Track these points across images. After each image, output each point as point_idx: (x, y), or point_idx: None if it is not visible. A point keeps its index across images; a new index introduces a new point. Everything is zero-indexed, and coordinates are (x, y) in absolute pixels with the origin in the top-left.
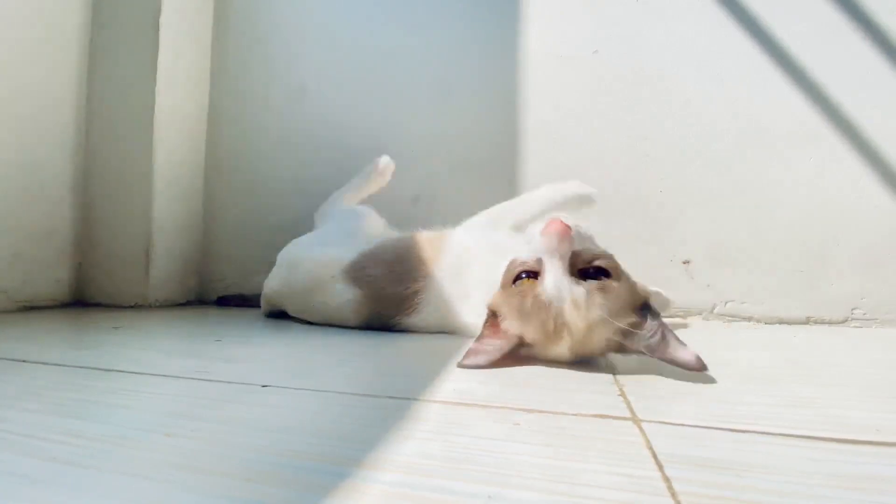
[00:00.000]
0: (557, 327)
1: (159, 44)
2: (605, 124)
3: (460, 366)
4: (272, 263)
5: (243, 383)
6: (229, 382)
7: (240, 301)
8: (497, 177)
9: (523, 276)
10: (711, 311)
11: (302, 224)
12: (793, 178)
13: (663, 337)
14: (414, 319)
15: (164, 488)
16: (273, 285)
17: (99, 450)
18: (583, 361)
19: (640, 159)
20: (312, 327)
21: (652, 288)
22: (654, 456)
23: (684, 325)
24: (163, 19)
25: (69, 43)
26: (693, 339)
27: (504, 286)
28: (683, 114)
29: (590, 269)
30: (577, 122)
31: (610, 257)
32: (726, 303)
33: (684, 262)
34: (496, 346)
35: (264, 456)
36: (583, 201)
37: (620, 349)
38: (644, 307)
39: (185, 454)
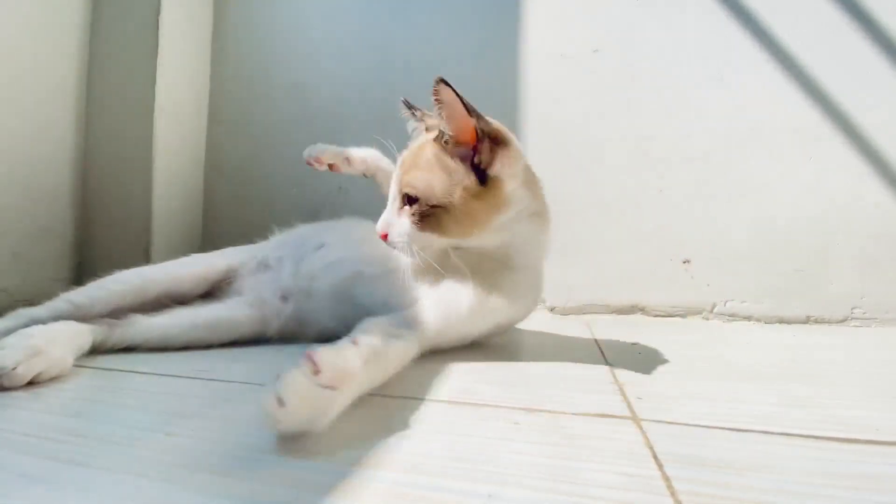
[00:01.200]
0: None
1: (159, 43)
2: (606, 124)
3: None
4: None
5: (243, 382)
6: (229, 382)
7: None
8: None
9: None
10: (711, 311)
11: (301, 219)
12: (793, 177)
13: None
14: None
15: (164, 487)
16: None
17: (100, 449)
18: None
19: (640, 158)
20: None
21: None
22: (654, 455)
23: (684, 324)
24: (162, 17)
25: (69, 43)
26: (693, 338)
27: None
28: (683, 113)
29: None
30: (577, 121)
31: None
32: (726, 302)
33: (684, 262)
34: None
35: (264, 455)
36: None
37: None
38: None
39: (186, 453)
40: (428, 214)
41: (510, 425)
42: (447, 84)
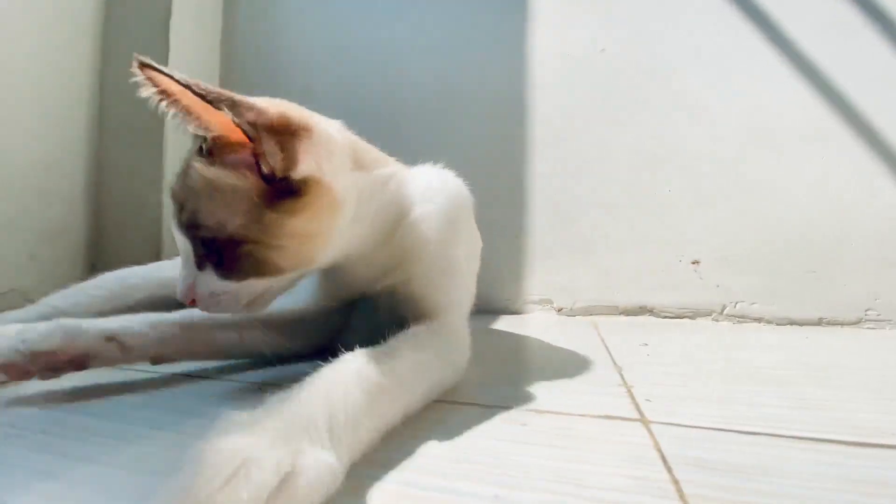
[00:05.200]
0: None
1: (169, 47)
2: (613, 123)
3: None
4: None
5: (251, 382)
6: (237, 381)
7: None
8: (505, 177)
9: None
10: (721, 312)
11: None
12: (804, 176)
13: None
14: None
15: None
16: None
17: (111, 446)
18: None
19: (648, 159)
20: None
21: None
22: (663, 458)
23: (693, 326)
24: (173, 22)
25: (82, 48)
26: (702, 340)
27: None
28: (691, 112)
29: None
30: (584, 121)
31: None
32: (736, 304)
33: (693, 263)
34: None
35: None
36: None
37: None
38: None
39: None
40: (237, 255)
41: (517, 427)
42: (152, 67)
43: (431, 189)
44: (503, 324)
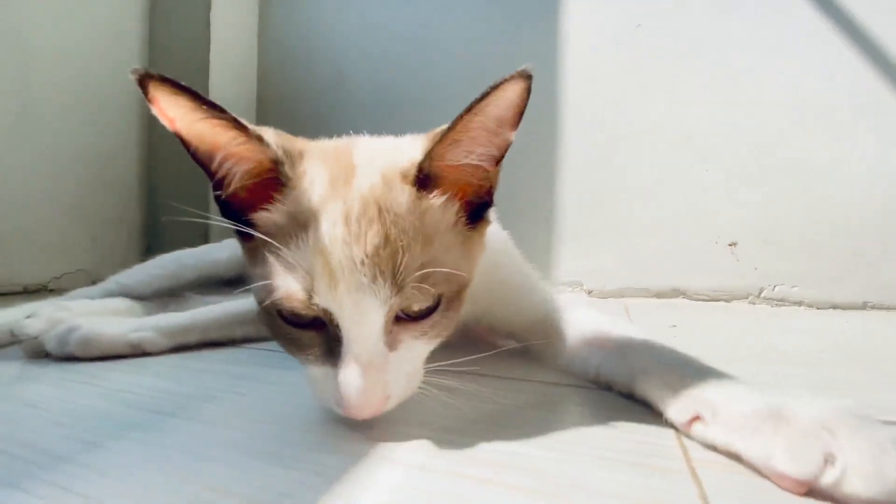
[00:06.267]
0: None
1: (210, 37)
2: (646, 102)
3: None
4: None
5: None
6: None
7: None
8: (534, 160)
9: None
10: (758, 296)
11: None
12: (852, 154)
13: None
14: None
15: (233, 435)
16: None
17: (185, 403)
18: None
19: (683, 138)
20: None
21: None
22: (681, 445)
23: (728, 309)
24: (213, 15)
25: (130, 44)
26: (737, 323)
27: None
28: (731, 88)
29: None
30: (616, 100)
31: None
32: (774, 287)
33: (730, 245)
34: None
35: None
36: None
37: None
38: None
39: (252, 409)
40: (458, 302)
41: (540, 397)
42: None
43: None
44: None
